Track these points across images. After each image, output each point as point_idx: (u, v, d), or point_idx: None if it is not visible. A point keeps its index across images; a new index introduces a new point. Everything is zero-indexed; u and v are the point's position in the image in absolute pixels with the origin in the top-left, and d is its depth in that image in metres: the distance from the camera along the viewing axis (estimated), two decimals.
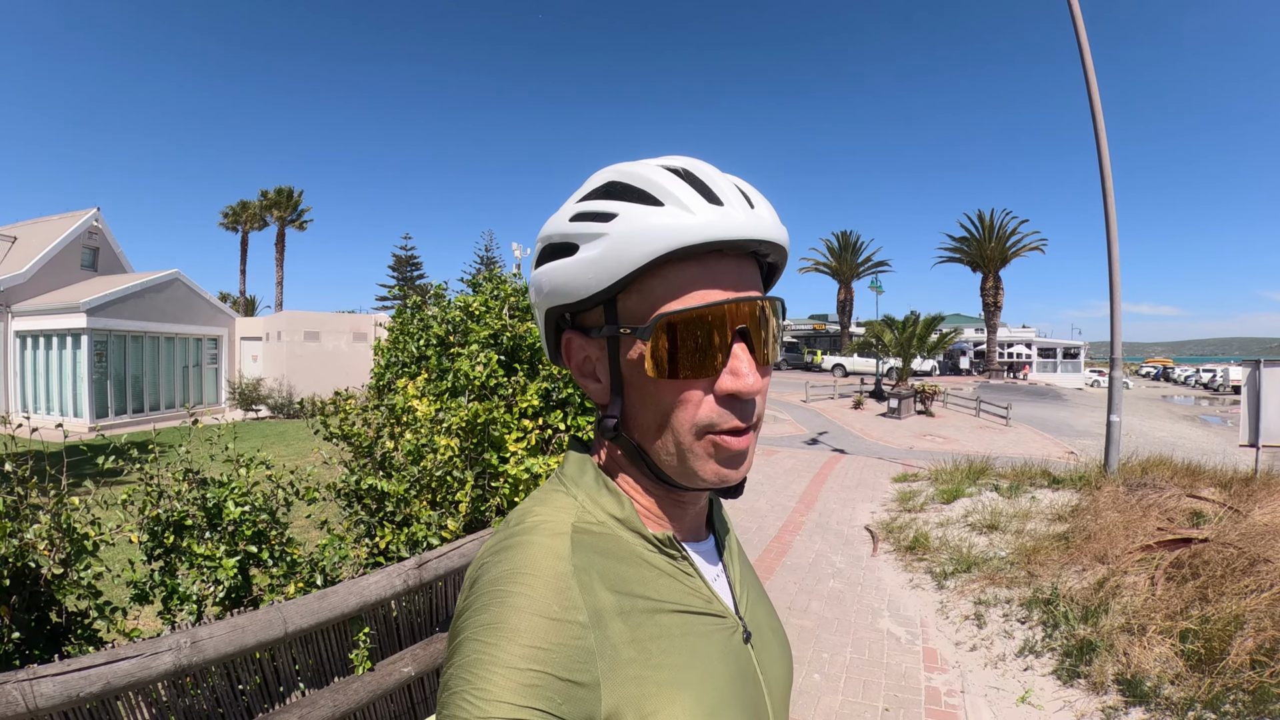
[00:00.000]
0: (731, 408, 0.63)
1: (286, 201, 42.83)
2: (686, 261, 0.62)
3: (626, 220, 0.62)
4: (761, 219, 0.64)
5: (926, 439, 17.19)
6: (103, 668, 1.91)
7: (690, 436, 0.63)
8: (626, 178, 0.65)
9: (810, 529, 7.83)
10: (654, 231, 0.60)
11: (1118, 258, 8.87)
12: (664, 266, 0.62)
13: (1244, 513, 5.50)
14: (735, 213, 0.62)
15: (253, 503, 2.86)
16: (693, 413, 0.63)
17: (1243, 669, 3.55)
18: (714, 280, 0.62)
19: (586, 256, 0.63)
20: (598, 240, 0.63)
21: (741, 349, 0.63)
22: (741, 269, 0.65)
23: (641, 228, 0.61)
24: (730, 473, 0.65)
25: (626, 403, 0.68)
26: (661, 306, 0.62)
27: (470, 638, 0.55)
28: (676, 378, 0.62)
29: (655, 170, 0.65)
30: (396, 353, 4.53)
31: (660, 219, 0.61)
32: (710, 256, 0.63)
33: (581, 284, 0.64)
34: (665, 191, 0.62)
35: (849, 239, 51.28)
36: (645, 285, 0.63)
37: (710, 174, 0.65)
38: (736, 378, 0.62)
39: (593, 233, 0.63)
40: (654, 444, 0.66)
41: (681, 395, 0.63)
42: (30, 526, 2.40)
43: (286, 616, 2.31)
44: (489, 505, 3.35)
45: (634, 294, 0.64)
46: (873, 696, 4.04)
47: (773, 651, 0.76)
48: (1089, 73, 8.87)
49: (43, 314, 19.76)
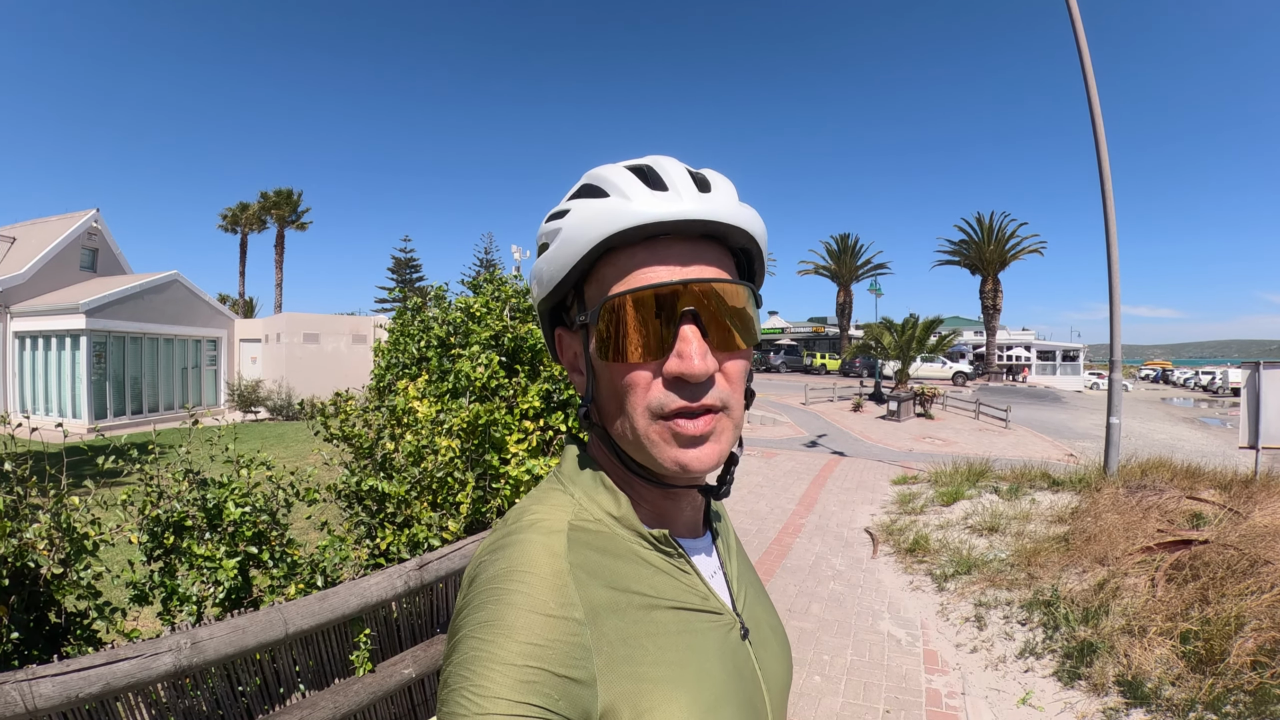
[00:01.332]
0: (680, 390, 0.62)
1: (286, 203, 42.83)
2: (634, 247, 0.64)
3: (575, 213, 0.65)
4: (711, 201, 0.64)
5: (926, 441, 17.18)
6: (102, 668, 1.90)
7: (644, 420, 0.63)
8: (590, 178, 0.69)
9: (810, 531, 7.83)
10: (593, 220, 0.63)
11: (1117, 260, 8.88)
12: (612, 253, 0.65)
13: (1244, 514, 5.50)
14: (678, 196, 0.63)
15: (253, 503, 2.85)
16: (643, 395, 0.63)
17: (1243, 670, 3.55)
18: (661, 261, 0.63)
19: (551, 252, 0.68)
20: (556, 235, 0.67)
21: (691, 330, 0.62)
22: (695, 253, 0.65)
23: (584, 218, 0.64)
24: (689, 459, 0.63)
25: (595, 391, 0.69)
26: (610, 291, 0.64)
27: (468, 635, 0.56)
28: (622, 360, 0.64)
29: (613, 169, 0.67)
30: (397, 354, 4.53)
31: (600, 207, 0.63)
32: (658, 241, 0.64)
33: (548, 276, 0.68)
34: (611, 184, 0.65)
35: (848, 242, 51.35)
36: (599, 273, 0.66)
37: (666, 166, 0.66)
38: (681, 359, 0.61)
39: (554, 229, 0.68)
40: (617, 430, 0.67)
41: (631, 377, 0.64)
42: (30, 526, 2.40)
43: (287, 617, 2.30)
44: (490, 506, 3.35)
45: (592, 283, 0.67)
46: (873, 698, 4.03)
47: (771, 648, 0.77)
48: (1088, 77, 8.89)
49: (42, 315, 19.75)
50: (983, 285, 44.80)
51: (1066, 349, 47.05)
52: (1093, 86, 8.86)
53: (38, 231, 22.45)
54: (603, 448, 0.72)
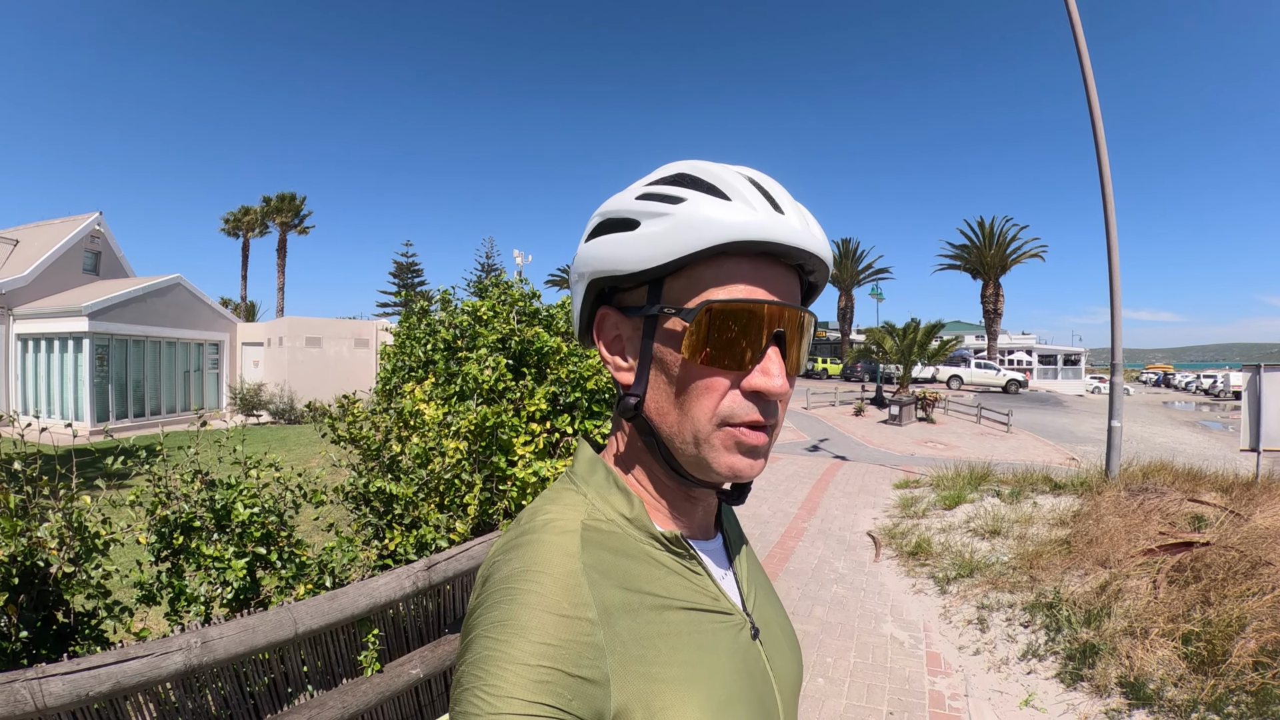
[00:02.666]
0: (755, 404, 0.64)
1: (289, 207, 42.93)
2: (740, 258, 0.65)
3: (693, 206, 0.64)
4: (814, 234, 0.66)
5: (928, 445, 17.17)
6: (112, 667, 1.90)
7: (709, 425, 0.64)
8: (697, 171, 0.68)
9: (812, 535, 7.83)
10: (718, 220, 0.63)
11: (1118, 264, 8.90)
12: (719, 257, 0.64)
13: (1245, 516, 5.50)
14: (793, 221, 0.65)
15: (262, 504, 2.87)
16: (716, 402, 0.64)
17: (1245, 670, 3.56)
18: (762, 280, 0.65)
19: (647, 232, 0.65)
20: (661, 219, 0.65)
21: (775, 351, 0.65)
22: (787, 278, 0.67)
23: (707, 215, 0.63)
24: (743, 466, 0.65)
25: (652, 385, 0.68)
26: (709, 293, 0.64)
27: (482, 634, 0.56)
28: (711, 364, 0.64)
29: (727, 170, 0.67)
30: (403, 357, 4.55)
31: (725, 211, 0.63)
32: (762, 259, 0.65)
33: (636, 258, 0.66)
34: (733, 189, 0.65)
35: (849, 246, 51.41)
36: (696, 271, 0.65)
37: (775, 187, 0.68)
38: (766, 376, 0.64)
39: (658, 212, 0.65)
40: (672, 428, 0.67)
41: (709, 382, 0.64)
42: (40, 525, 2.41)
43: (297, 617, 2.32)
44: (497, 508, 3.36)
45: (683, 278, 0.66)
46: (876, 700, 4.05)
47: (782, 649, 0.77)
48: (1088, 80, 8.91)
49: (44, 317, 19.76)
50: (984, 290, 44.84)
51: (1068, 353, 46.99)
52: (1093, 90, 8.89)
53: (41, 234, 22.48)
54: (639, 438, 0.72)
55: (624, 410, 0.70)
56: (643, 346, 0.68)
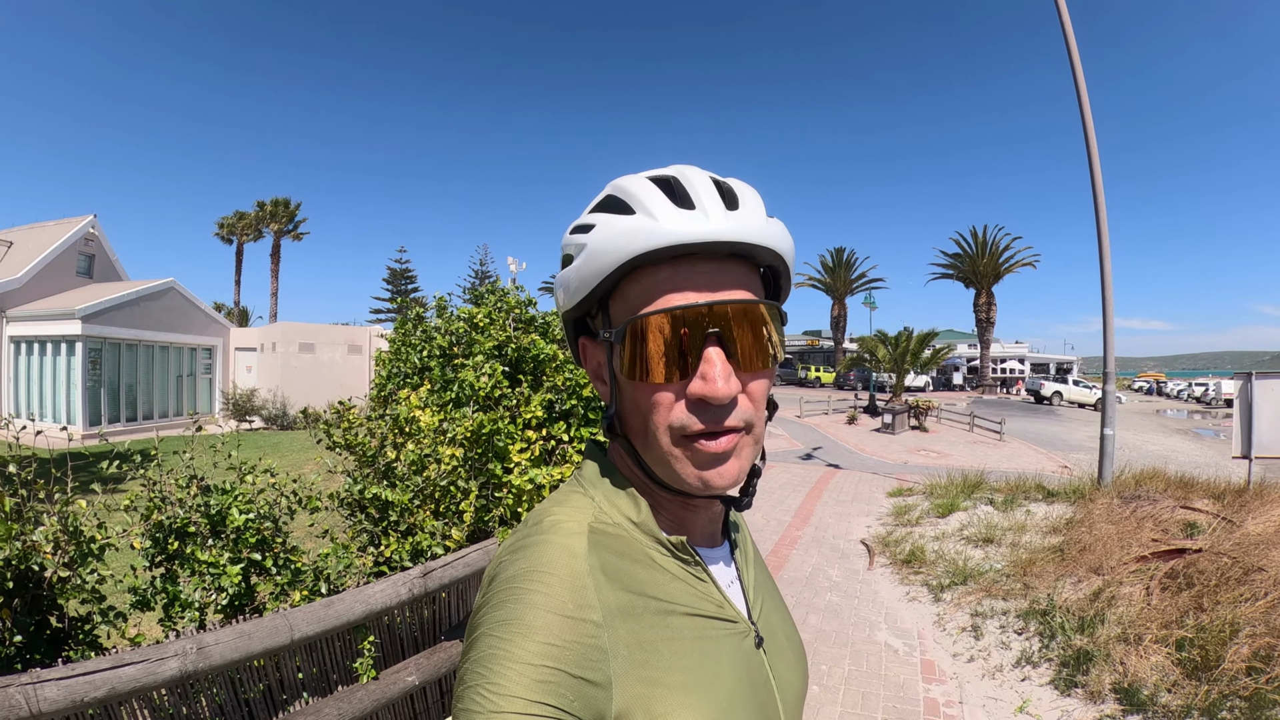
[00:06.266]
0: (702, 411, 0.63)
1: (283, 213, 42.85)
2: (658, 266, 0.64)
3: (600, 230, 0.65)
4: (739, 220, 0.63)
5: (921, 454, 17.22)
6: (108, 673, 1.89)
7: (667, 439, 0.64)
8: (616, 190, 0.68)
9: (806, 543, 7.84)
10: (619, 238, 0.63)
11: (1110, 272, 8.96)
12: (638, 272, 0.65)
13: (1237, 523, 5.54)
14: (706, 216, 0.62)
15: (257, 510, 2.86)
16: (666, 415, 0.64)
17: (1239, 676, 3.57)
18: (685, 283, 0.63)
19: (576, 265, 0.68)
20: (581, 250, 0.67)
21: (715, 353, 0.62)
22: (721, 272, 0.64)
23: (609, 235, 0.64)
24: (711, 476, 0.64)
25: (620, 405, 0.70)
26: (637, 310, 0.64)
27: (487, 633, 0.57)
28: (646, 380, 0.64)
29: (638, 181, 0.67)
30: (398, 364, 4.54)
31: (626, 225, 0.63)
32: (683, 260, 0.63)
33: (572, 290, 0.69)
34: (637, 200, 0.64)
35: (842, 256, 51.53)
36: (625, 291, 0.66)
37: (693, 180, 0.66)
38: (705, 381, 0.61)
39: (578, 243, 0.67)
40: (641, 445, 0.68)
41: (654, 397, 0.64)
42: (36, 529, 2.40)
43: (293, 624, 2.31)
44: (493, 515, 3.36)
45: (617, 299, 0.67)
46: (871, 708, 4.04)
47: (786, 657, 0.77)
48: (1080, 90, 8.99)
49: (38, 320, 19.69)
50: (977, 298, 45.03)
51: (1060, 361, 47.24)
52: (1084, 97, 8.96)
53: (35, 236, 22.42)
54: (625, 457, 0.73)
55: (606, 432, 0.73)
56: (610, 369, 0.70)
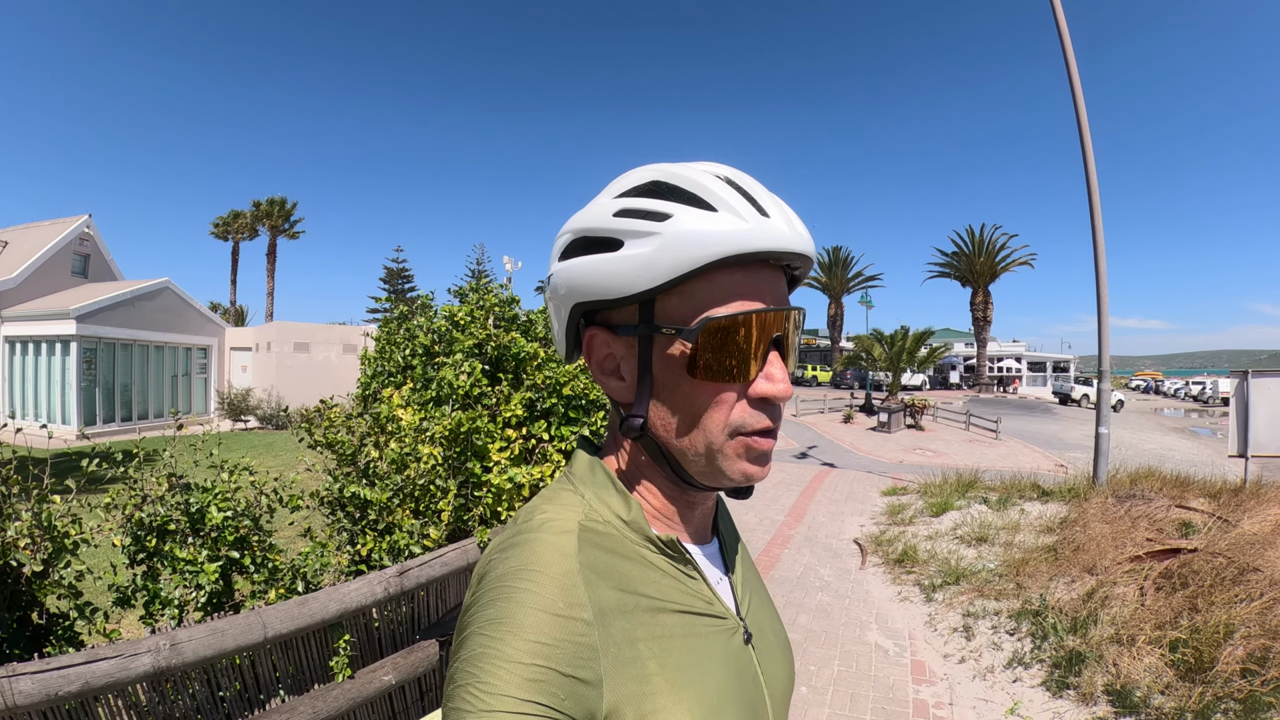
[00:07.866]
0: (763, 410, 0.65)
1: (279, 212, 42.74)
2: (733, 268, 0.63)
3: (681, 222, 0.61)
4: (800, 233, 0.65)
5: (916, 453, 17.22)
6: (81, 667, 1.90)
7: (722, 436, 0.65)
8: (673, 179, 0.65)
9: (799, 542, 7.81)
10: (711, 236, 0.61)
11: (1105, 270, 8.95)
12: (712, 271, 0.62)
13: (1233, 523, 5.52)
14: (779, 224, 0.63)
15: (235, 508, 2.84)
16: (726, 414, 0.64)
17: (1233, 678, 3.55)
18: (755, 288, 0.64)
19: (634, 254, 0.62)
20: (648, 239, 0.62)
21: (776, 356, 0.65)
22: (776, 279, 0.67)
23: (697, 231, 0.61)
24: (757, 471, 0.67)
25: (655, 403, 0.67)
26: (706, 310, 0.63)
27: (476, 632, 0.56)
28: (718, 380, 0.64)
29: (704, 175, 0.65)
30: (383, 362, 4.51)
31: (716, 225, 0.61)
32: (753, 265, 0.64)
33: (624, 281, 0.63)
34: (718, 198, 0.63)
35: (839, 254, 51.57)
36: (689, 288, 0.63)
37: (753, 185, 0.66)
38: (772, 383, 0.64)
39: (643, 230, 0.62)
40: (682, 443, 0.66)
41: (717, 396, 0.64)
42: (12, 524, 2.39)
43: (266, 621, 2.29)
44: (472, 514, 3.33)
45: (675, 295, 0.64)
46: (860, 709, 4.01)
47: (774, 654, 0.77)
48: (1075, 90, 8.98)
49: (32, 320, 19.66)
50: (973, 297, 45.05)
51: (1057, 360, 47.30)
52: (1080, 97, 8.95)
53: (29, 236, 22.39)
54: (641, 453, 0.71)
55: (629, 431, 0.68)
56: (640, 365, 0.67)
